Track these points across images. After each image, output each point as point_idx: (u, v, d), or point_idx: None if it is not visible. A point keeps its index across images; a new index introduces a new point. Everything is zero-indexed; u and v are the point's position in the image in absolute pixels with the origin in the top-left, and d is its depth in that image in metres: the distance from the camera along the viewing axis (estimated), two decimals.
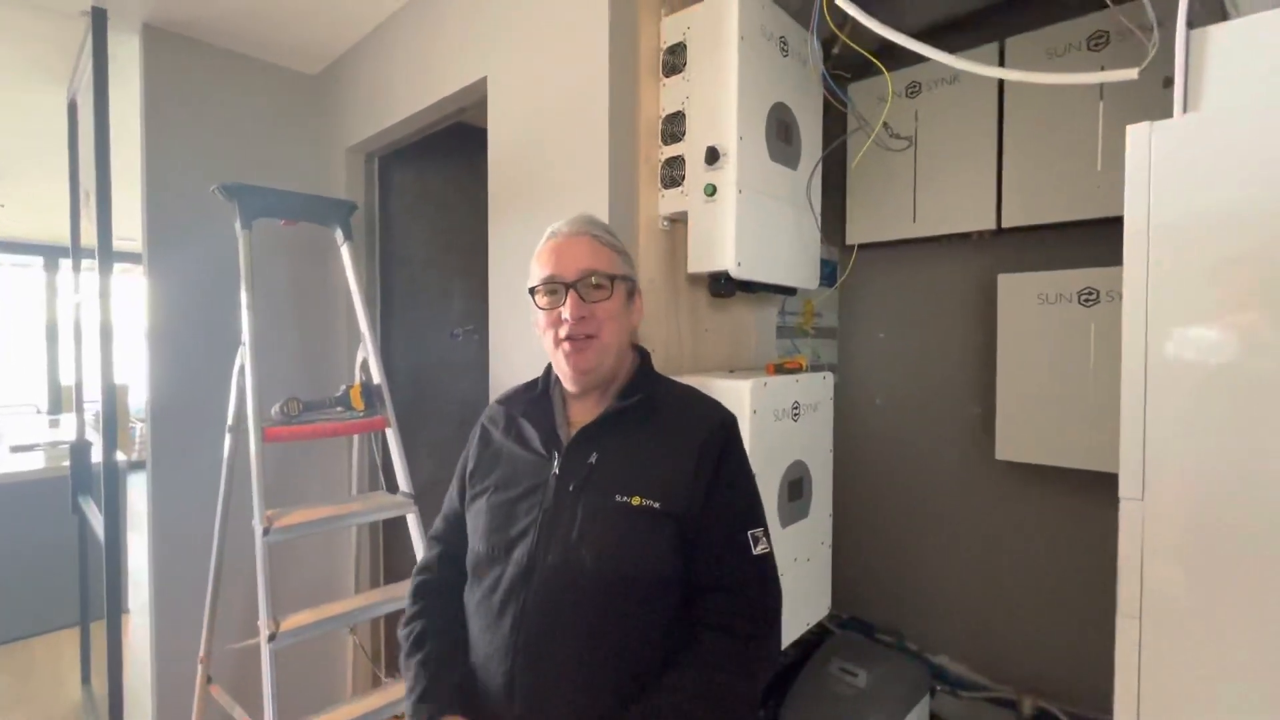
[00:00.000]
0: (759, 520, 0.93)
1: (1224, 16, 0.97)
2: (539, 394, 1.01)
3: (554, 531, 0.88)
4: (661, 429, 0.93)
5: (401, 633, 0.98)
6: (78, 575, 2.92)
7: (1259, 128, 0.79)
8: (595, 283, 0.92)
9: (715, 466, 0.90)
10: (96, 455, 2.67)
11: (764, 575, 0.91)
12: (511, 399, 1.05)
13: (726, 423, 0.95)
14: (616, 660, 0.85)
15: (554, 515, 0.89)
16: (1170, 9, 0.95)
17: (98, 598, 2.58)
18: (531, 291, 0.95)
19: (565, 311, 0.90)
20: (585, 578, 0.85)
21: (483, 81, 1.70)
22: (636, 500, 0.87)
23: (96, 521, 2.27)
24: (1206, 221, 0.82)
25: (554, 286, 0.92)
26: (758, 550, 0.90)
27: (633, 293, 0.99)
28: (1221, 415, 0.81)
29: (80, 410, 2.85)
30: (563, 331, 0.91)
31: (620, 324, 0.94)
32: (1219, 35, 0.85)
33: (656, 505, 0.86)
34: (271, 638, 1.39)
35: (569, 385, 0.96)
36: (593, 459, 0.91)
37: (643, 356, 1.02)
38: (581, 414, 0.97)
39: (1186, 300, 0.84)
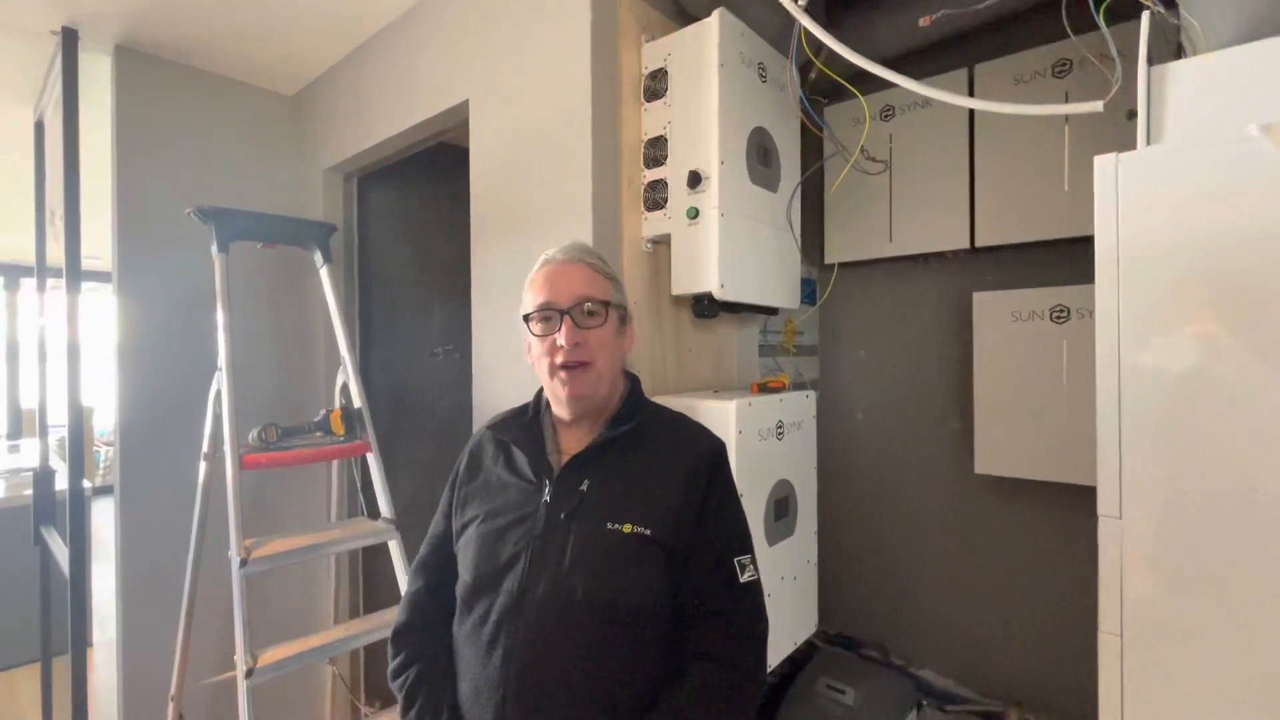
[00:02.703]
0: (746, 548, 0.93)
1: (1178, 50, 1.03)
2: (529, 420, 1.00)
3: (545, 560, 0.87)
4: (652, 456, 0.93)
5: (393, 685, 0.96)
6: (39, 608, 2.80)
7: (1214, 159, 0.83)
8: (590, 309, 0.91)
9: (703, 494, 0.90)
10: (60, 482, 2.58)
11: (750, 603, 0.91)
12: (501, 425, 1.04)
13: (715, 449, 0.96)
14: (610, 691, 0.84)
15: (545, 543, 0.88)
16: (1128, 38, 1.00)
17: (61, 631, 2.47)
18: (526, 319, 0.95)
19: (560, 338, 0.90)
20: (577, 607, 0.84)
21: (464, 104, 1.70)
22: (628, 528, 0.87)
23: (60, 553, 2.19)
24: (1171, 243, 0.86)
25: (549, 313, 0.92)
26: (744, 578, 0.90)
27: (625, 320, 0.99)
28: (1192, 427, 0.84)
29: (44, 435, 2.75)
30: (558, 359, 0.91)
31: (613, 352, 0.94)
32: (1178, 72, 0.89)
33: (647, 533, 0.86)
34: (249, 673, 1.35)
35: (563, 413, 0.96)
36: (584, 486, 0.90)
37: (633, 383, 1.02)
38: (572, 441, 0.97)
39: (1156, 318, 0.87)
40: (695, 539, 0.88)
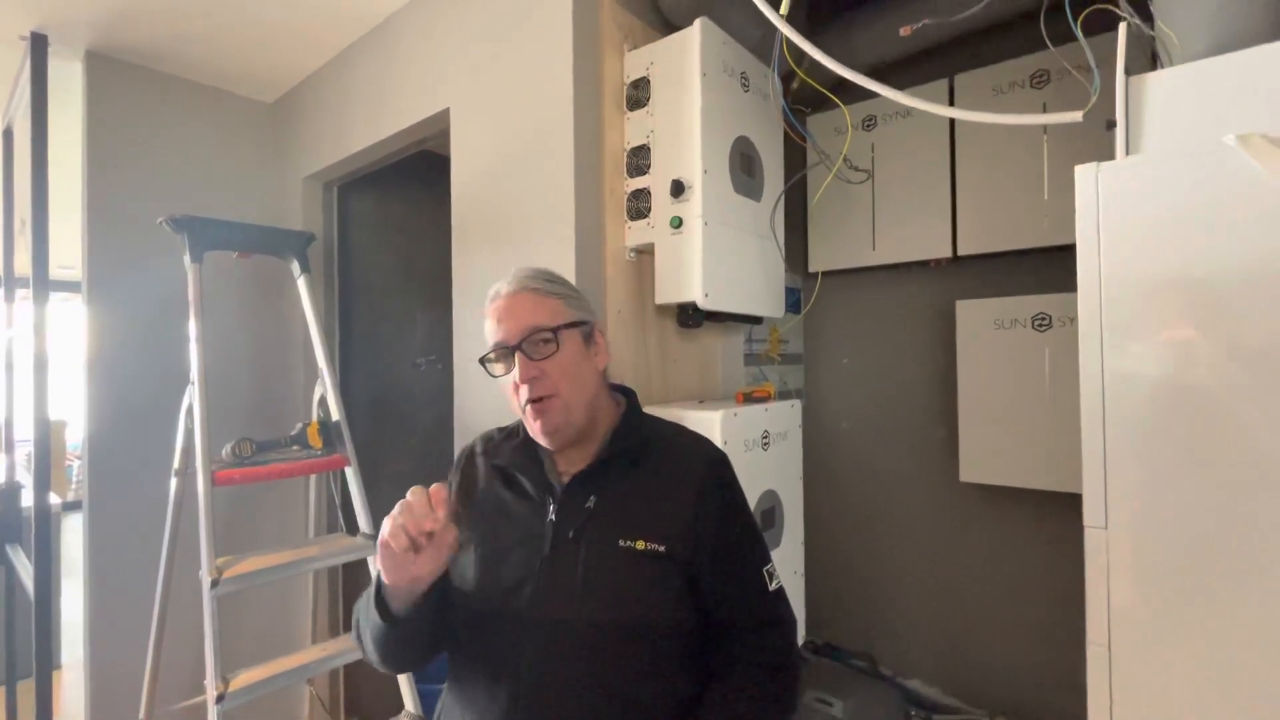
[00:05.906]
0: (767, 555, 0.95)
1: (1153, 60, 1.04)
2: (522, 441, 0.97)
3: (555, 581, 0.84)
4: (655, 470, 0.91)
5: (355, 638, 0.93)
6: (3, 630, 2.70)
7: (1192, 168, 0.84)
8: (540, 339, 0.88)
9: (718, 508, 0.89)
10: (28, 499, 2.50)
11: (784, 609, 0.93)
12: (492, 450, 1.00)
13: (720, 460, 0.96)
14: (631, 714, 0.81)
15: (554, 564, 0.85)
16: (1105, 50, 1.01)
17: (26, 653, 2.38)
18: (483, 361, 0.91)
19: (515, 375, 0.88)
20: (594, 628, 0.82)
21: (445, 113, 1.69)
22: (641, 544, 0.85)
23: (26, 572, 2.11)
24: (1151, 251, 0.86)
25: (501, 352, 0.89)
26: (773, 586, 0.92)
27: (591, 335, 0.95)
28: (1176, 436, 0.84)
29: (10, 450, 2.66)
30: (522, 395, 0.88)
31: (579, 375, 0.90)
32: (1155, 82, 0.89)
33: (661, 549, 0.85)
34: (220, 699, 1.30)
35: (547, 445, 0.92)
36: (590, 503, 0.88)
37: (629, 398, 1.00)
38: (570, 461, 0.94)
39: (1138, 326, 0.87)
40: (721, 555, 0.87)
